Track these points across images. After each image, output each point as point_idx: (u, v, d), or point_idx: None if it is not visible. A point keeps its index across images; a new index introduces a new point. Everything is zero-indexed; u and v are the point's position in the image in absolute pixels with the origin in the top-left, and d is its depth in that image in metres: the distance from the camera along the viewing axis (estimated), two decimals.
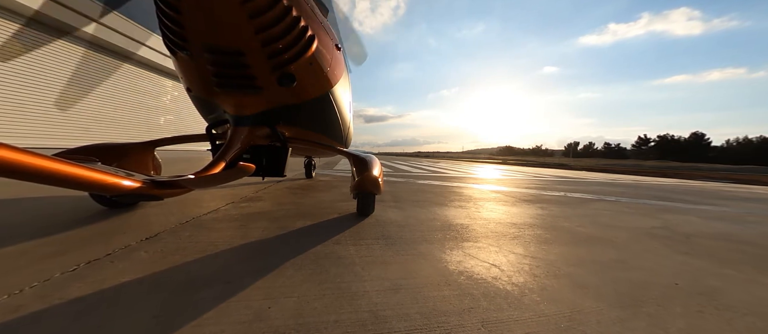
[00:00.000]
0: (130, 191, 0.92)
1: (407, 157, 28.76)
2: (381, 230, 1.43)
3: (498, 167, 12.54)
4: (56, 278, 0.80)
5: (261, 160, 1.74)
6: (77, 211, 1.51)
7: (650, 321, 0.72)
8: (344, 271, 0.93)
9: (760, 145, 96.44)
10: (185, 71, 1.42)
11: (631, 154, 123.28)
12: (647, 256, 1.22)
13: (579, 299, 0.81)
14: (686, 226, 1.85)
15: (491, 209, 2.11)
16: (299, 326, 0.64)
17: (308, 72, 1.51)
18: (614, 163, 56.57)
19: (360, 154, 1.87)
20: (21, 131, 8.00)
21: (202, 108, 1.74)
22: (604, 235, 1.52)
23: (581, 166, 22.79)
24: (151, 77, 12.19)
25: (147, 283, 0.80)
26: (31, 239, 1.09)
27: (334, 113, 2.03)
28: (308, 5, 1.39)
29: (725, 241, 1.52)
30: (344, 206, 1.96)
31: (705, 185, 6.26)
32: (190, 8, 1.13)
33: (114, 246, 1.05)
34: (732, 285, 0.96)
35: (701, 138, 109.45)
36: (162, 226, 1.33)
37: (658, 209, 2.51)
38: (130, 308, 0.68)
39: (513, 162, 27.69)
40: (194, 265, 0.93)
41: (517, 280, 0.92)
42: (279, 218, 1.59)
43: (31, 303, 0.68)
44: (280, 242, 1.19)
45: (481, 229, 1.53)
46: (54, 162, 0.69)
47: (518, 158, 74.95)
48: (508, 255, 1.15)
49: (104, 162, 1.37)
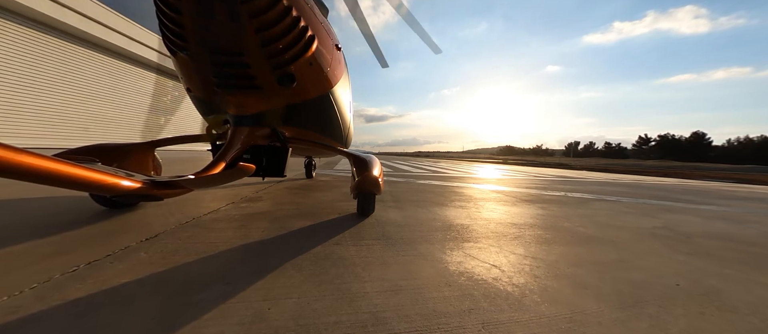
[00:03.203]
0: (130, 191, 0.92)
1: (407, 157, 28.77)
2: (381, 230, 1.43)
3: (498, 166, 12.53)
4: (56, 278, 0.80)
5: (261, 160, 1.74)
6: (77, 211, 1.51)
7: (651, 322, 0.72)
8: (344, 272, 0.93)
9: (761, 144, 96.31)
10: (185, 71, 1.42)
11: (631, 153, 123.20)
12: (648, 256, 1.22)
13: (580, 300, 0.81)
14: (687, 226, 1.85)
15: (492, 209, 2.10)
16: (299, 327, 0.64)
17: (308, 72, 1.51)
18: (615, 163, 56.56)
19: (360, 154, 1.87)
20: (21, 131, 8.01)
21: (202, 108, 1.74)
22: (604, 235, 1.52)
23: (581, 165, 22.78)
24: (151, 77, 12.20)
25: (147, 284, 0.80)
26: (31, 239, 1.09)
27: (334, 113, 2.03)
28: (308, 5, 1.39)
29: (726, 241, 1.52)
30: (344, 206, 1.96)
31: (705, 184, 6.25)
32: (190, 9, 1.13)
33: (114, 247, 1.05)
34: (733, 286, 0.96)
35: (702, 138, 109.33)
36: (162, 226, 1.32)
37: (658, 208, 2.51)
38: (130, 309, 0.68)
39: (513, 162, 27.67)
40: (194, 266, 0.93)
41: (518, 281, 0.92)
42: (279, 218, 1.59)
43: (31, 304, 0.68)
44: (280, 243, 1.19)
45: (481, 229, 1.52)
46: (54, 162, 0.69)
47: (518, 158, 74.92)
48: (508, 256, 1.14)
49: (104, 162, 1.37)
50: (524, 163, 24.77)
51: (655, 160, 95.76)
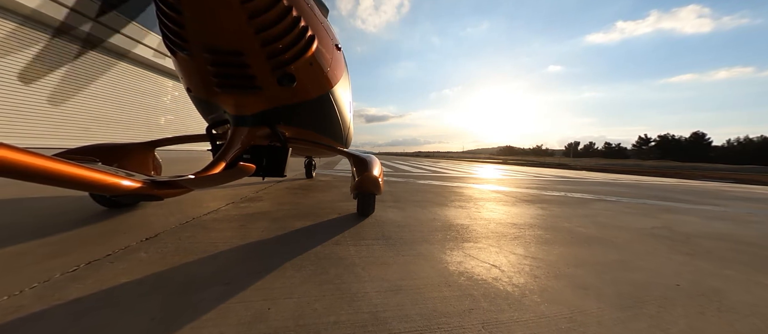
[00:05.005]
0: (130, 191, 0.92)
1: (407, 157, 28.77)
2: (381, 230, 1.43)
3: (498, 166, 12.53)
4: (56, 278, 0.80)
5: (261, 160, 1.74)
6: (77, 211, 1.51)
7: (651, 322, 0.72)
8: (344, 272, 0.93)
9: (761, 145, 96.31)
10: (185, 71, 1.42)
11: (631, 154, 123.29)
12: (648, 256, 1.22)
13: (580, 300, 0.81)
14: (687, 226, 1.85)
15: (491, 209, 2.10)
16: (299, 328, 0.64)
17: (308, 72, 1.51)
18: (614, 163, 56.49)
19: (360, 155, 1.87)
20: (22, 131, 8.00)
21: (202, 108, 1.73)
22: (604, 235, 1.52)
23: (581, 166, 22.79)
24: (151, 77, 12.20)
25: (147, 284, 0.80)
26: (31, 239, 1.09)
27: (334, 113, 2.03)
28: (308, 5, 1.39)
29: (726, 241, 1.52)
30: (344, 206, 1.96)
31: (705, 184, 6.25)
32: (190, 8, 1.13)
33: (114, 247, 1.05)
34: (733, 286, 0.96)
35: (702, 138, 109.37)
36: (162, 226, 1.32)
37: (658, 209, 2.51)
38: (130, 309, 0.68)
39: (513, 162, 27.67)
40: (194, 266, 0.93)
41: (518, 281, 0.92)
42: (279, 218, 1.59)
43: (31, 304, 0.68)
44: (280, 243, 1.19)
45: (481, 229, 1.52)
46: (54, 162, 0.69)
47: (518, 158, 74.92)
48: (508, 256, 1.14)
49: (104, 162, 1.37)
50: (524, 163, 24.77)
51: (654, 160, 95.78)
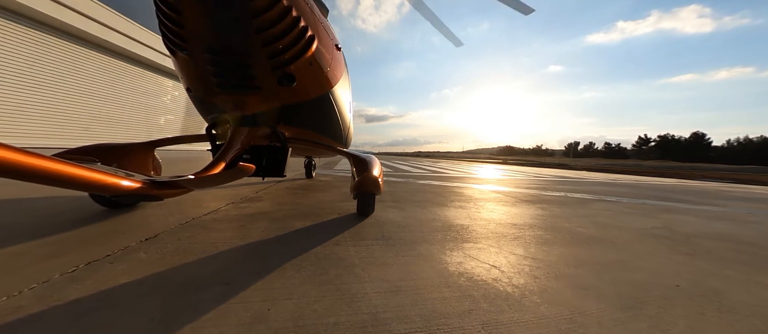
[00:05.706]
0: (129, 191, 0.92)
1: (407, 157, 28.77)
2: (381, 230, 1.43)
3: (498, 166, 12.53)
4: (55, 279, 0.80)
5: (261, 160, 1.74)
6: (76, 211, 1.51)
7: (651, 323, 0.72)
8: (344, 272, 0.93)
9: (761, 145, 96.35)
10: (185, 71, 1.42)
11: (631, 154, 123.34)
12: (648, 257, 1.22)
13: (580, 301, 0.81)
14: (687, 226, 1.85)
15: (491, 210, 2.10)
16: (298, 328, 0.64)
17: (308, 72, 1.51)
18: (614, 163, 56.54)
19: (360, 155, 1.87)
20: (22, 131, 8.00)
21: (202, 108, 1.73)
22: (604, 235, 1.52)
23: (581, 166, 22.80)
24: (152, 77, 12.20)
25: (146, 284, 0.80)
26: (31, 239, 1.09)
27: (334, 113, 2.03)
28: (308, 5, 1.39)
29: (726, 241, 1.52)
30: (344, 206, 1.96)
31: (705, 185, 6.26)
32: (190, 8, 1.13)
33: (113, 247, 1.05)
34: (733, 286, 0.96)
35: (702, 138, 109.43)
36: (161, 226, 1.32)
37: (658, 209, 2.51)
38: (129, 309, 0.68)
39: (513, 162, 27.68)
40: (193, 266, 0.93)
41: (518, 281, 0.92)
42: (279, 218, 1.59)
43: (30, 304, 0.67)
44: (280, 243, 1.18)
45: (481, 230, 1.52)
46: (54, 162, 0.68)
47: (518, 158, 74.90)
48: (508, 256, 1.14)
49: (104, 162, 1.37)
50: (524, 163, 24.78)
51: (654, 160, 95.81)
